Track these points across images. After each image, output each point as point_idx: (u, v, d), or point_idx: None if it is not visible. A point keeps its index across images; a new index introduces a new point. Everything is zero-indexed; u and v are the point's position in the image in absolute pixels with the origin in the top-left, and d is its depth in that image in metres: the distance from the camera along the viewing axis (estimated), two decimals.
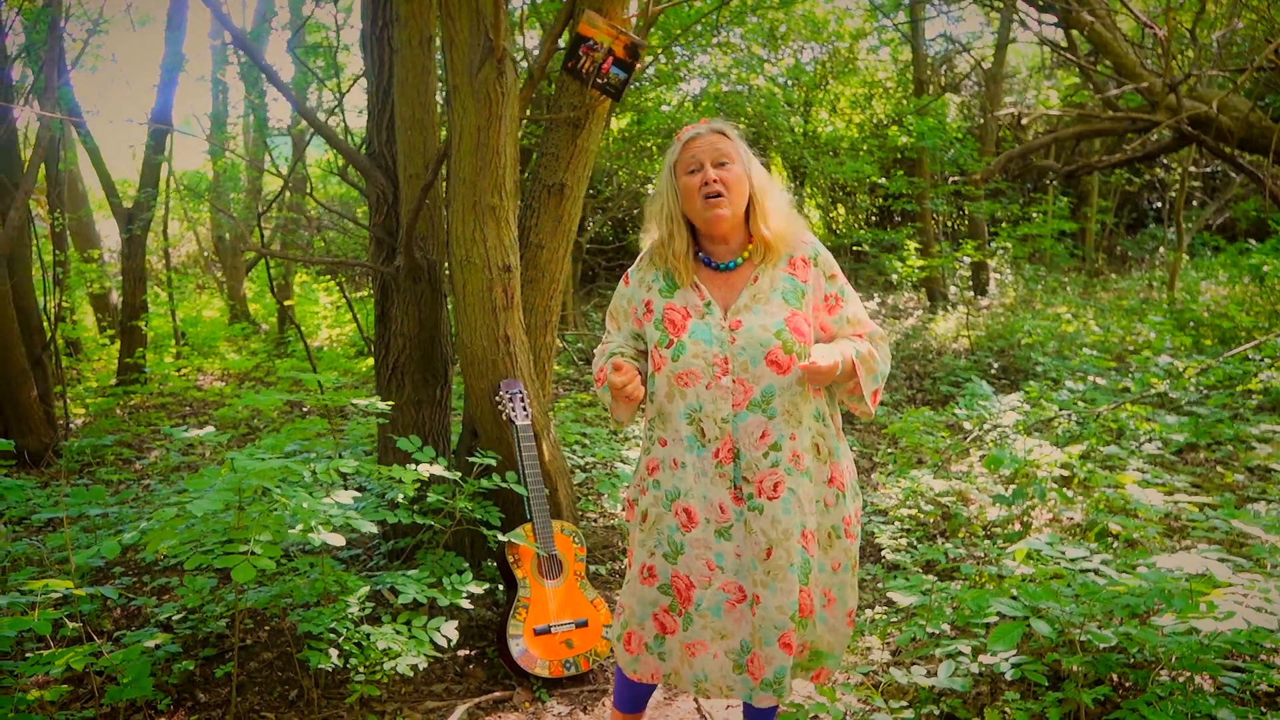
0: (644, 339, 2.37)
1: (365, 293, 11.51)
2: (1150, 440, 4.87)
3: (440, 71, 4.71)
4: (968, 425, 5.16)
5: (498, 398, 3.47)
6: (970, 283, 12.25)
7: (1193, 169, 12.75)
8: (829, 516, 2.29)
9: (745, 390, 2.20)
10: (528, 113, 3.94)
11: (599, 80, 3.63)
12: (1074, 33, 8.93)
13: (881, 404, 7.11)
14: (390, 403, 3.80)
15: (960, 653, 2.60)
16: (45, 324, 6.93)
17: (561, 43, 3.84)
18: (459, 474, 3.38)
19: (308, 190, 10.42)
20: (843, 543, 2.30)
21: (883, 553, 4.12)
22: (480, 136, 3.34)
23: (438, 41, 3.97)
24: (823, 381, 2.18)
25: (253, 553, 2.40)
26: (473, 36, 3.31)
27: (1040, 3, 8.55)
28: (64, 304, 9.12)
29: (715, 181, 2.22)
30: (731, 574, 2.25)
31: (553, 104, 3.83)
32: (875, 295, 11.91)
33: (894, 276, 11.82)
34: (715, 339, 2.22)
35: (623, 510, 2.53)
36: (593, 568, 4.10)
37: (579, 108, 3.71)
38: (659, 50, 9.47)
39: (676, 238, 2.29)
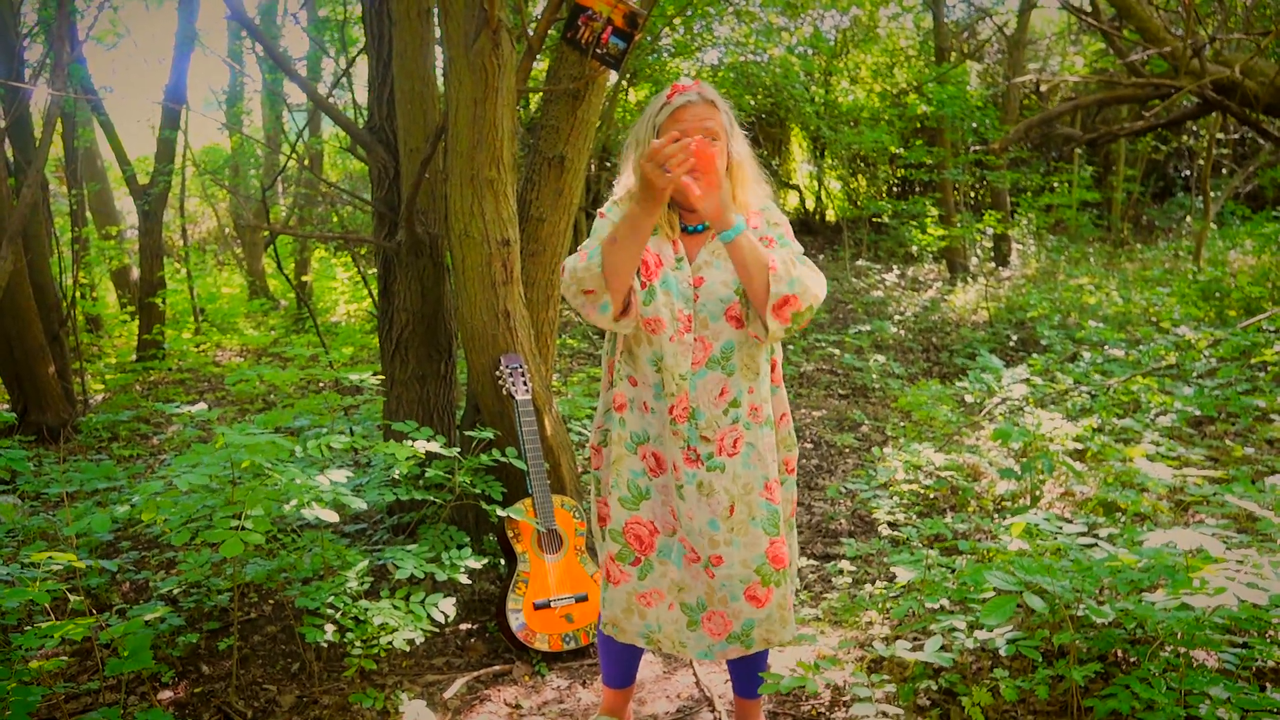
0: None
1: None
2: (1164, 413, 4.80)
3: (440, 44, 4.68)
4: (969, 399, 5.10)
5: (498, 373, 3.46)
6: (992, 254, 12.09)
7: (1221, 135, 12.48)
8: None
9: (705, 348, 2.23)
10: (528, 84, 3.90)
11: (598, 51, 3.58)
12: None
13: (896, 377, 7.05)
14: (381, 376, 3.80)
15: (954, 628, 2.58)
16: (63, 301, 6.99)
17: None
18: (456, 450, 3.38)
19: (307, 164, 10.42)
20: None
21: (879, 526, 4.10)
22: (477, 109, 3.31)
23: (436, 14, 3.93)
24: (707, 169, 2.06)
25: (243, 527, 2.42)
26: (468, 8, 3.27)
27: None
28: (83, 280, 9.21)
29: None
30: (685, 532, 2.28)
31: (552, 75, 3.79)
32: (895, 266, 11.78)
33: (914, 248, 11.71)
34: (682, 295, 2.24)
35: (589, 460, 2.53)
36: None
37: (578, 79, 3.67)
38: (673, 17, 9.37)
39: None
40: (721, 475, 2.23)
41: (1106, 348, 6.05)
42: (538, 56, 3.86)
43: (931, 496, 4.40)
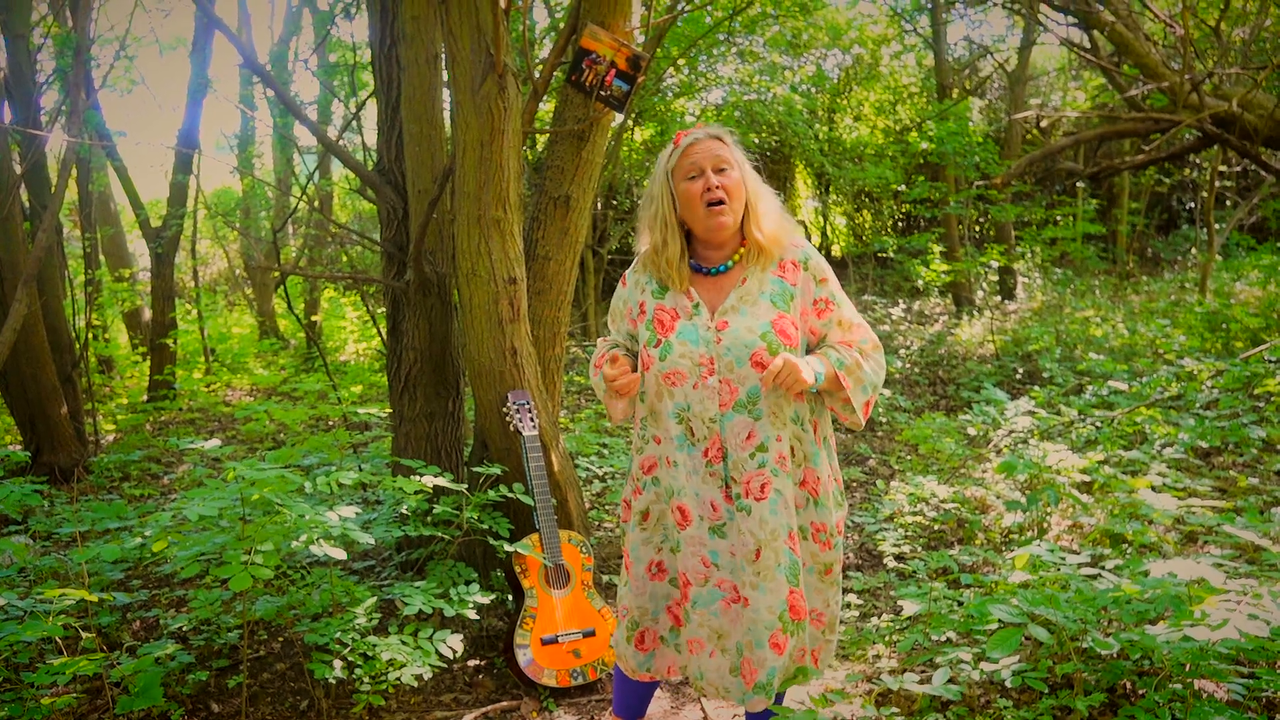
0: (637, 340, 2.40)
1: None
2: (1170, 444, 4.80)
3: (447, 88, 4.78)
4: (971, 431, 5.11)
5: (505, 409, 3.50)
6: (997, 287, 12.14)
7: (1224, 168, 12.55)
8: (799, 518, 2.30)
9: (731, 391, 2.23)
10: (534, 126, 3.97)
11: (602, 93, 3.66)
12: (1096, 34, 8.85)
13: (903, 410, 7.06)
14: (389, 409, 3.83)
15: (961, 660, 2.58)
16: (75, 342, 7.06)
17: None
18: (464, 485, 3.41)
19: (317, 205, 10.55)
20: (809, 545, 2.31)
21: (885, 559, 4.10)
22: (483, 151, 3.38)
23: (444, 59, 4.02)
24: (789, 386, 2.16)
25: (253, 562, 2.44)
26: (474, 53, 3.35)
27: (1057, 2, 8.49)
28: (96, 322, 9.31)
29: (718, 189, 2.23)
30: (727, 572, 2.28)
31: (557, 117, 3.87)
32: (901, 301, 11.83)
33: (919, 283, 11.77)
34: (702, 339, 2.25)
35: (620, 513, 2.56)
36: (606, 577, 4.11)
37: (583, 120, 3.75)
38: (678, 58, 9.51)
39: (670, 244, 2.30)
40: (748, 518, 2.24)
41: (1110, 380, 6.06)
42: (543, 98, 3.95)
43: (938, 529, 4.40)
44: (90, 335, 7.77)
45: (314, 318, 11.59)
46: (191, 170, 8.95)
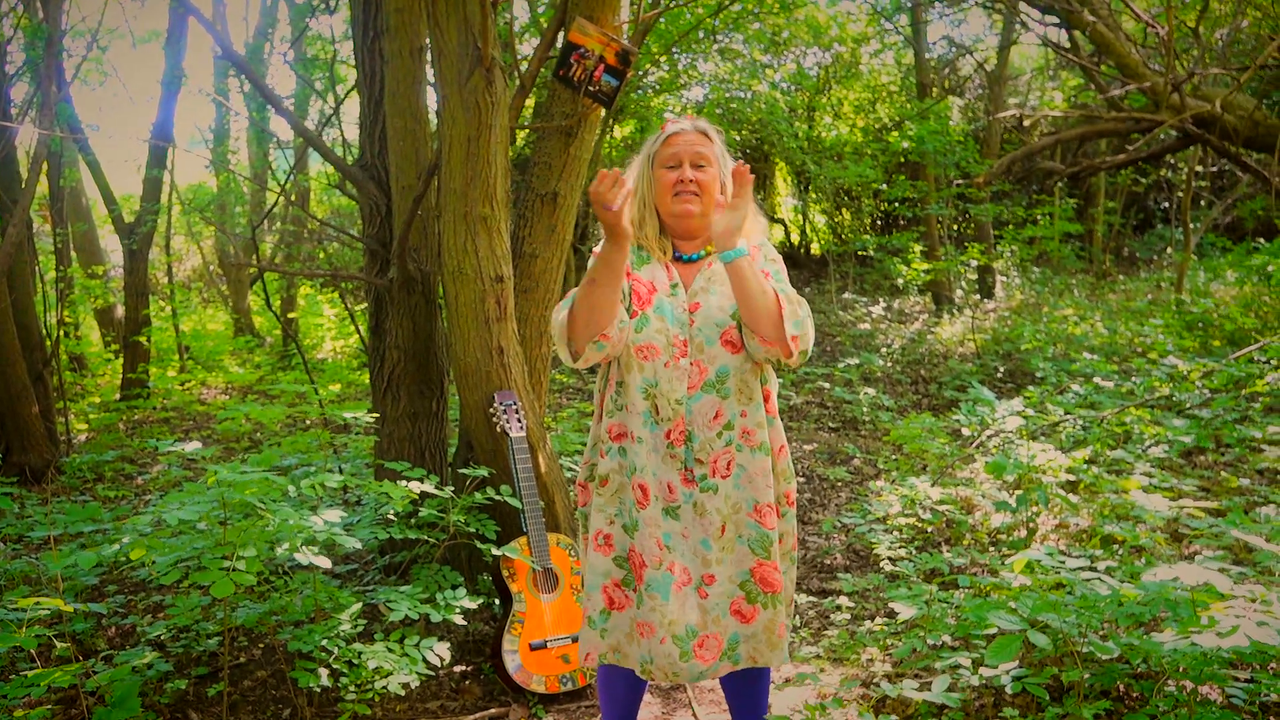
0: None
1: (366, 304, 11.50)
2: (1156, 444, 4.80)
3: (432, 82, 4.70)
4: (965, 432, 5.10)
5: (492, 410, 3.44)
6: (976, 286, 12.17)
7: (1200, 168, 12.65)
8: (775, 489, 2.33)
9: (701, 372, 2.27)
10: (521, 121, 3.91)
11: (591, 88, 3.60)
12: (1076, 33, 8.88)
13: (886, 410, 7.05)
14: (375, 413, 3.76)
15: (959, 666, 2.55)
16: (46, 340, 6.92)
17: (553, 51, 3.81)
18: (450, 489, 3.34)
19: (296, 201, 10.40)
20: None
21: (877, 561, 4.07)
22: (470, 146, 3.32)
23: (429, 52, 3.95)
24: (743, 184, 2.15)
25: (234, 568, 2.37)
26: (461, 46, 3.29)
27: (1040, 3, 8.51)
28: (68, 319, 9.13)
29: (691, 182, 2.29)
30: (678, 555, 2.27)
31: (545, 112, 3.80)
32: (881, 299, 11.84)
33: (899, 281, 11.78)
34: (677, 320, 2.29)
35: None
36: None
37: (571, 116, 3.68)
38: (659, 56, 9.47)
39: (649, 221, 2.36)
40: (714, 496, 2.26)
41: (1098, 379, 6.07)
42: (529, 94, 3.88)
43: (927, 530, 4.38)
44: (62, 332, 7.62)
45: (290, 315, 11.45)
46: (165, 165, 8.79)
